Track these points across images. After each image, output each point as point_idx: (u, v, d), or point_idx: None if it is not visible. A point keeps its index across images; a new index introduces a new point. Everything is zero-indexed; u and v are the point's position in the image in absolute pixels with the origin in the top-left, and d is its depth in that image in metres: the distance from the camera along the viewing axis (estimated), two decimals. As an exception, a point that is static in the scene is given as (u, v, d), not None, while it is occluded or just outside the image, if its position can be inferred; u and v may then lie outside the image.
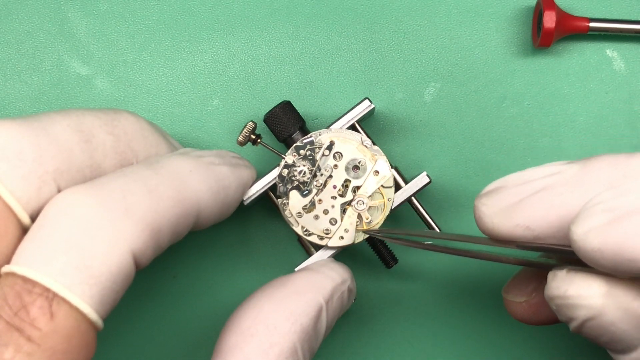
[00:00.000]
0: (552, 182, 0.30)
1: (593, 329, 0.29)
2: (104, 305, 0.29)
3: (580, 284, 0.28)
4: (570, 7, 0.43)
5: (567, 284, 0.29)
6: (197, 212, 0.33)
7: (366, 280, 0.43)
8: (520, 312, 0.36)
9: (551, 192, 0.30)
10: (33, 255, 0.29)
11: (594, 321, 0.29)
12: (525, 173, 0.31)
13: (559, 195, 0.30)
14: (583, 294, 0.28)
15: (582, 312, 0.29)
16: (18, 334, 0.27)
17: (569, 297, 0.29)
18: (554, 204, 0.30)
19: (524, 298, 0.35)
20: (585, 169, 0.30)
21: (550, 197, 0.30)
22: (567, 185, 0.30)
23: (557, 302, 0.29)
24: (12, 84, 0.43)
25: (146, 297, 0.43)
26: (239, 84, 0.43)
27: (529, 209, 0.30)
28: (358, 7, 0.43)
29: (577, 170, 0.30)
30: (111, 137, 0.33)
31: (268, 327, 0.34)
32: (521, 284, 0.36)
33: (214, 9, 0.43)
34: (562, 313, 0.30)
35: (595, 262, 0.27)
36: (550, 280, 0.30)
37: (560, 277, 0.29)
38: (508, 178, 0.32)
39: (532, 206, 0.30)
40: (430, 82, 0.43)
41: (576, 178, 0.30)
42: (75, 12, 0.43)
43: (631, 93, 0.43)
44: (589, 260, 0.27)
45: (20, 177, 0.30)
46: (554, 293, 0.29)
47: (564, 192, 0.30)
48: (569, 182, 0.30)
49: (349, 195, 0.38)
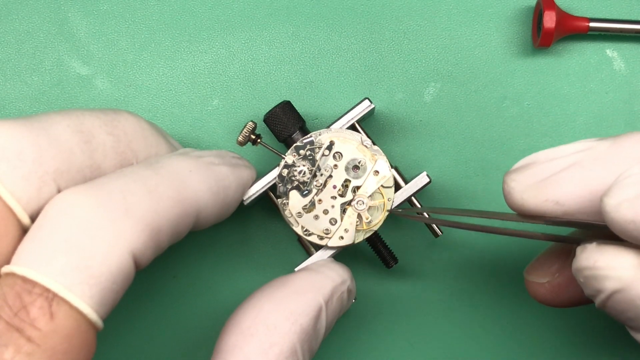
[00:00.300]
0: (583, 157, 0.31)
1: (620, 303, 0.29)
2: (103, 305, 0.29)
3: (611, 254, 0.28)
4: (570, 7, 0.43)
5: (597, 254, 0.29)
6: (197, 212, 0.33)
7: (366, 280, 0.43)
8: (542, 293, 0.36)
9: (581, 167, 0.30)
10: (33, 256, 0.29)
11: (621, 294, 0.28)
12: (556, 150, 0.32)
13: (589, 170, 0.30)
14: (613, 265, 0.28)
15: (611, 284, 0.28)
16: (18, 334, 0.27)
17: (598, 268, 0.29)
18: (584, 179, 0.30)
19: (547, 279, 0.35)
20: (616, 145, 0.30)
21: (580, 172, 0.30)
22: (598, 161, 0.30)
23: (586, 273, 0.29)
24: (12, 84, 0.43)
25: (146, 297, 0.43)
26: (239, 84, 0.43)
27: (559, 184, 0.31)
28: (358, 7, 0.43)
29: (608, 146, 0.30)
30: (111, 137, 0.33)
31: (268, 327, 0.34)
32: (544, 264, 0.36)
33: (214, 9, 0.43)
34: (589, 285, 0.29)
35: (628, 234, 0.27)
36: (580, 252, 0.30)
37: (590, 249, 0.29)
38: (539, 154, 0.32)
39: (562, 181, 0.31)
40: (430, 82, 0.43)
41: (607, 154, 0.30)
42: (75, 12, 0.43)
43: (631, 93, 0.43)
44: (622, 231, 0.27)
45: (20, 177, 0.30)
46: (582, 264, 0.29)
47: (595, 167, 0.30)
48: (599, 158, 0.30)
49: (348, 195, 0.38)
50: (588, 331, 0.44)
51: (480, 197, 0.43)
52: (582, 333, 0.44)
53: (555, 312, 0.43)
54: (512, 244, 0.43)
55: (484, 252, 0.43)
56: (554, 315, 0.43)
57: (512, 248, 0.43)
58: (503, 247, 0.43)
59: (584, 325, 0.44)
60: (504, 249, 0.43)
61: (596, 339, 0.44)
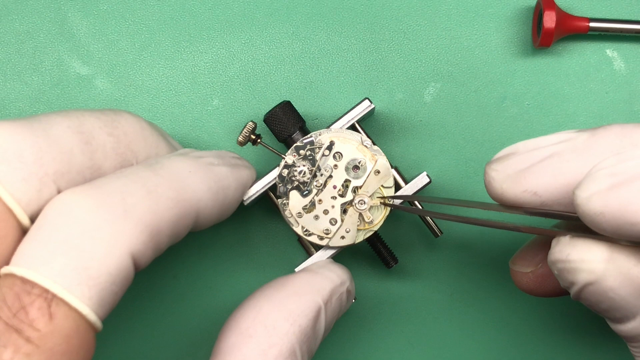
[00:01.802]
0: (561, 149, 0.31)
1: (593, 295, 0.29)
2: (102, 306, 0.29)
3: (583, 248, 0.29)
4: (570, 7, 0.43)
5: (569, 248, 0.29)
6: (197, 213, 0.33)
7: (366, 280, 0.43)
8: (526, 282, 0.36)
9: (559, 158, 0.31)
10: (32, 256, 0.29)
11: (594, 286, 0.29)
12: (536, 140, 0.32)
13: (566, 162, 0.30)
14: (585, 258, 0.29)
15: (583, 276, 0.29)
16: (17, 335, 0.28)
17: (570, 261, 0.29)
18: (561, 171, 0.30)
19: (531, 268, 0.36)
20: (594, 137, 0.30)
21: (557, 164, 0.31)
22: (575, 153, 0.30)
23: (559, 266, 0.30)
24: (12, 84, 0.43)
25: (146, 297, 0.43)
26: (239, 84, 0.43)
27: (537, 175, 0.31)
28: (358, 7, 0.43)
29: (586, 138, 0.31)
30: (111, 138, 0.33)
31: (267, 328, 0.34)
32: (528, 255, 0.36)
33: (214, 9, 0.43)
34: (563, 277, 0.30)
35: (598, 226, 0.27)
36: (554, 245, 0.30)
37: (563, 242, 0.29)
38: (519, 145, 0.32)
39: (540, 172, 0.31)
40: (430, 82, 0.43)
41: (584, 145, 0.30)
42: (75, 12, 0.43)
43: (631, 93, 0.43)
44: (592, 223, 0.28)
45: (20, 179, 0.30)
46: (556, 257, 0.30)
47: (572, 159, 0.30)
48: (577, 150, 0.30)
49: (349, 195, 0.38)
50: (595, 331, 0.44)
51: (480, 197, 0.43)
52: (589, 334, 0.44)
53: (558, 312, 0.43)
54: (512, 243, 0.43)
55: (483, 252, 0.43)
56: (555, 315, 0.43)
57: (512, 248, 0.43)
58: (503, 247, 0.43)
59: (590, 326, 0.44)
60: (504, 249, 0.43)
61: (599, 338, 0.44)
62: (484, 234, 0.43)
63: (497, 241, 0.43)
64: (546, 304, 0.43)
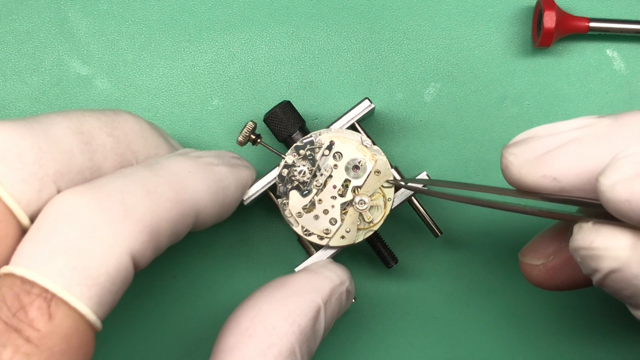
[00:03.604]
0: (582, 134, 0.30)
1: (617, 282, 0.29)
2: (102, 306, 0.29)
3: (607, 235, 0.28)
4: (570, 7, 0.43)
5: (593, 235, 0.29)
6: (196, 213, 0.33)
7: (366, 280, 0.43)
8: (536, 275, 0.36)
9: (581, 144, 0.30)
10: (32, 256, 0.29)
11: (618, 273, 0.28)
12: (556, 125, 0.31)
13: (588, 147, 0.30)
14: (609, 245, 0.28)
15: (607, 264, 0.28)
16: (16, 335, 0.28)
17: (594, 248, 0.29)
18: (582, 156, 0.30)
19: (541, 261, 0.35)
20: (617, 123, 0.30)
21: (579, 149, 0.30)
22: (597, 138, 0.30)
23: (582, 253, 0.29)
24: (12, 84, 0.43)
25: (146, 297, 0.43)
26: (239, 84, 0.43)
27: (557, 160, 0.30)
28: (358, 7, 0.43)
29: (608, 124, 0.30)
30: (111, 138, 0.33)
31: (266, 328, 0.34)
32: (539, 247, 0.36)
33: (214, 9, 0.43)
34: (586, 265, 0.29)
35: (623, 214, 0.27)
36: (576, 232, 0.29)
37: (586, 229, 0.29)
38: (538, 129, 0.31)
39: (560, 157, 0.30)
40: (430, 82, 0.43)
41: (606, 131, 0.30)
42: (75, 12, 0.43)
43: (631, 93, 0.43)
44: (616, 211, 0.27)
45: (20, 179, 0.30)
46: (579, 244, 0.29)
47: (594, 144, 0.30)
48: (599, 135, 0.30)
49: (348, 195, 0.38)
50: (607, 339, 0.44)
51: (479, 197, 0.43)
52: (592, 339, 0.44)
53: (560, 311, 0.43)
54: (513, 243, 0.43)
55: (484, 251, 0.43)
56: (557, 315, 0.43)
57: (513, 247, 0.43)
58: (503, 247, 0.43)
59: (594, 331, 0.44)
60: (505, 248, 0.43)
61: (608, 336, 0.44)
62: (484, 234, 0.43)
63: (497, 241, 0.43)
64: (546, 302, 0.43)
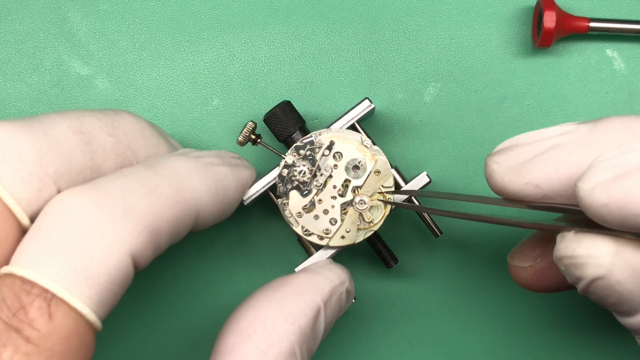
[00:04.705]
0: (563, 141, 0.30)
1: (600, 289, 0.29)
2: (102, 306, 0.29)
3: (589, 243, 0.29)
4: (570, 7, 0.43)
5: (575, 243, 0.29)
6: (197, 213, 0.33)
7: (366, 280, 0.43)
8: (524, 277, 0.36)
9: (561, 150, 0.30)
10: (32, 256, 0.29)
11: (601, 281, 0.29)
12: (537, 132, 0.31)
13: (568, 153, 0.30)
14: (591, 253, 0.28)
15: (590, 271, 0.29)
16: (16, 335, 0.28)
17: (577, 257, 0.29)
18: (563, 163, 0.30)
19: (529, 263, 0.36)
20: (596, 129, 0.30)
21: (559, 156, 0.30)
22: (577, 144, 0.30)
23: (566, 262, 0.29)
24: (12, 84, 0.43)
25: (146, 297, 0.43)
26: (239, 84, 0.43)
27: (539, 167, 0.31)
28: (358, 7, 0.43)
29: (588, 130, 0.30)
30: (112, 138, 0.33)
31: (266, 328, 0.34)
32: (527, 249, 0.36)
33: (214, 9, 0.43)
34: (570, 273, 0.30)
35: (602, 218, 0.27)
36: (559, 241, 0.30)
37: (568, 238, 0.29)
38: (520, 137, 0.32)
39: (542, 164, 0.31)
40: (430, 82, 0.43)
41: (586, 137, 0.30)
42: (75, 12, 0.43)
43: (631, 93, 0.43)
44: (596, 216, 0.27)
45: (20, 179, 0.30)
46: (562, 253, 0.29)
47: (574, 150, 0.30)
48: (579, 141, 0.30)
49: (348, 195, 0.38)
50: (599, 336, 0.44)
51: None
52: (590, 339, 0.44)
53: (558, 310, 0.43)
54: (512, 242, 0.43)
55: (483, 251, 0.43)
56: (557, 315, 0.43)
57: (513, 246, 0.43)
58: (503, 246, 0.43)
59: (590, 322, 0.43)
60: (504, 248, 0.43)
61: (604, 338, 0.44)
62: (483, 233, 0.43)
63: (497, 240, 0.43)
64: (546, 302, 0.43)
